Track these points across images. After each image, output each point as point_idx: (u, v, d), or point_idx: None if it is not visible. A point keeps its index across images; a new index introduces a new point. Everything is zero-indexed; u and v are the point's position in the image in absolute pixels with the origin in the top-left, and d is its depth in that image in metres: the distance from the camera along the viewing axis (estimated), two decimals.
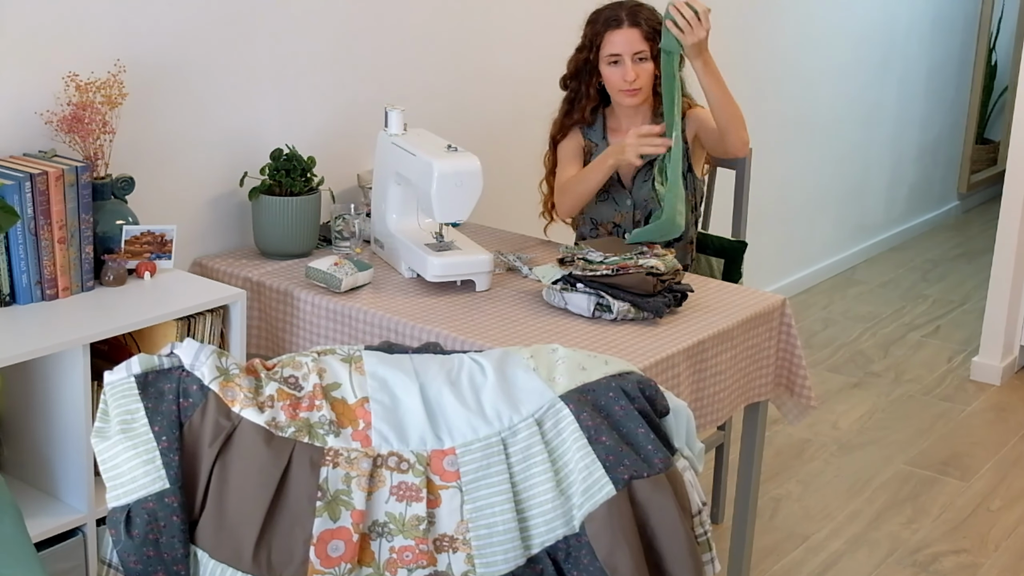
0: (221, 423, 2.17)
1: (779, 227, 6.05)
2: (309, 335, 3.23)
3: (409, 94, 3.88)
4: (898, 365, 5.52)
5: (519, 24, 4.32)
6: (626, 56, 3.52)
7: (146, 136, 3.26)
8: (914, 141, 7.45)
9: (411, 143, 3.35)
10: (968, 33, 7.77)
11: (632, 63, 3.52)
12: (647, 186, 3.60)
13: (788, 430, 4.70)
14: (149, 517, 2.12)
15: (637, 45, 3.51)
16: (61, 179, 2.87)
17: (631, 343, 2.97)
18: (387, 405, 2.22)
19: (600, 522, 2.18)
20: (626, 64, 3.52)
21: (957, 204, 8.16)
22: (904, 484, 4.40)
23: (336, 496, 2.16)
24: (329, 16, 3.68)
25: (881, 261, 7.09)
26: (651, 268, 3.09)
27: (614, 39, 3.53)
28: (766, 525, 4.06)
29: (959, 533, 4.08)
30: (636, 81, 3.51)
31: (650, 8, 3.57)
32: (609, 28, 3.54)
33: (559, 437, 2.23)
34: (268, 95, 3.57)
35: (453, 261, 3.25)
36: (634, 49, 3.51)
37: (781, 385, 3.42)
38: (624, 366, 2.33)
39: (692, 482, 2.30)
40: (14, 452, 2.93)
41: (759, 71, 5.54)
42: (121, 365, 2.19)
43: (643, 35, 3.50)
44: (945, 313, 6.24)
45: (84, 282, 2.97)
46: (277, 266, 3.40)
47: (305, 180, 3.45)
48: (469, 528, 2.19)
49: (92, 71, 3.06)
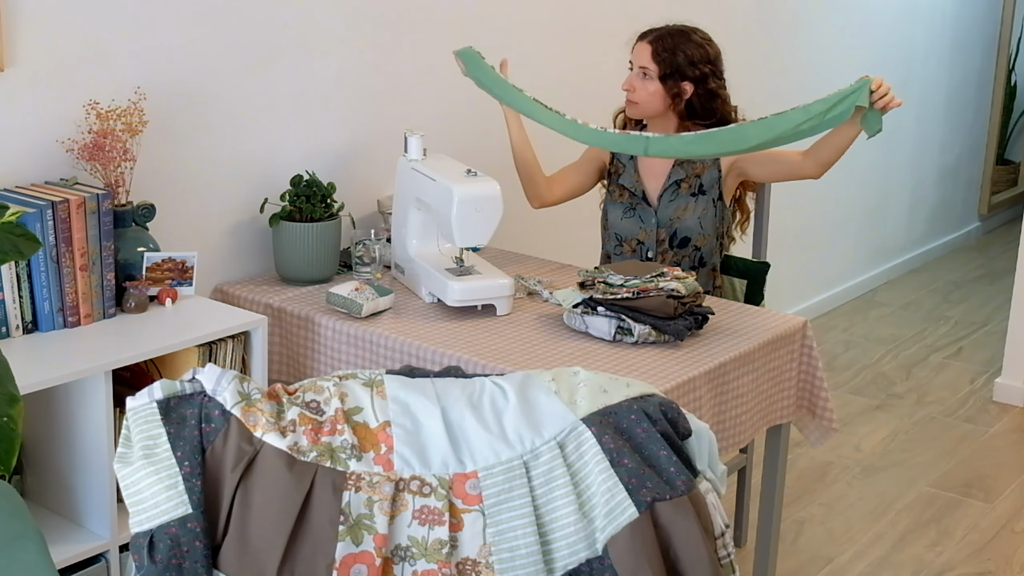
0: (243, 448, 2.17)
1: (800, 249, 6.03)
2: (330, 360, 3.23)
3: (429, 119, 3.89)
4: (920, 387, 5.49)
5: (537, 48, 4.33)
6: (635, 66, 3.62)
7: (167, 163, 3.28)
8: (934, 163, 7.44)
9: (431, 168, 3.35)
10: (987, 54, 7.76)
11: (636, 75, 3.61)
12: (673, 205, 3.62)
13: (810, 453, 4.69)
14: (172, 542, 2.12)
15: (644, 60, 3.60)
16: (83, 207, 2.88)
17: (652, 366, 2.96)
18: (409, 429, 2.22)
19: (623, 545, 2.17)
20: (631, 74, 3.63)
21: (978, 225, 8.14)
22: (928, 506, 4.38)
23: (358, 520, 2.16)
24: (349, 42, 3.70)
25: (902, 283, 7.07)
26: (672, 291, 3.09)
27: (634, 47, 3.66)
28: (789, 548, 4.04)
29: (983, 555, 4.06)
30: (632, 93, 3.59)
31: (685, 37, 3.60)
32: (639, 38, 3.66)
33: (581, 460, 2.22)
34: (288, 121, 3.58)
35: (473, 286, 3.25)
36: (640, 62, 3.61)
37: (803, 407, 3.41)
38: (646, 388, 2.32)
39: (715, 504, 2.29)
40: (37, 479, 2.93)
41: (779, 93, 5.52)
42: (143, 391, 2.19)
43: (652, 54, 3.58)
44: (967, 334, 6.22)
45: (106, 309, 2.98)
46: (298, 292, 3.41)
47: (325, 206, 3.45)
48: (492, 552, 2.19)
49: (113, 99, 3.08)
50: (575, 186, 3.85)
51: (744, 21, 5.32)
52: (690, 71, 3.57)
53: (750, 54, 5.21)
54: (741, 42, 3.66)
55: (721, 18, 4.83)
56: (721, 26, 3.84)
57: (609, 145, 3.40)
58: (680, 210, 3.62)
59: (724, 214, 3.69)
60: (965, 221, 8.01)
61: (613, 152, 3.72)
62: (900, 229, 7.21)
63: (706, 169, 3.61)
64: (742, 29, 5.19)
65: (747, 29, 5.32)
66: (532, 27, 4.32)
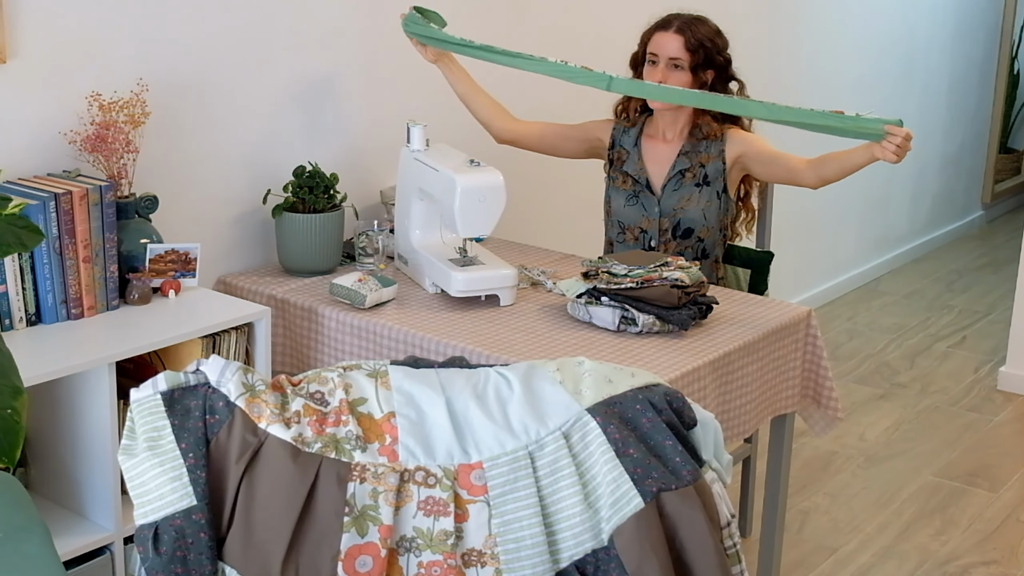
0: (248, 439, 2.16)
1: (803, 239, 6.03)
2: (334, 352, 3.23)
3: (431, 109, 3.88)
4: (924, 376, 5.49)
5: (540, 37, 4.32)
6: (662, 59, 3.53)
7: (169, 155, 3.27)
8: (937, 151, 7.42)
9: (433, 158, 3.35)
10: (990, 42, 7.74)
11: (666, 67, 3.53)
12: (676, 195, 3.60)
13: (815, 442, 4.68)
14: (177, 534, 2.12)
15: (675, 51, 3.52)
16: (85, 198, 2.87)
17: (657, 356, 2.96)
18: (413, 420, 2.22)
19: (628, 535, 2.17)
20: (659, 66, 3.54)
21: (981, 214, 8.13)
22: (932, 496, 4.37)
23: (363, 511, 2.15)
24: (350, 33, 3.69)
25: (906, 272, 7.07)
26: (676, 281, 3.08)
27: (657, 40, 3.57)
28: (794, 538, 4.04)
29: (989, 544, 4.05)
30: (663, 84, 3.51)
31: (709, 27, 3.57)
32: (657, 29, 3.58)
33: (586, 450, 2.22)
34: (290, 112, 3.58)
35: (477, 276, 3.24)
36: (670, 54, 3.53)
37: (807, 397, 3.41)
38: (651, 378, 2.32)
39: (720, 494, 2.29)
40: (41, 471, 2.93)
41: (781, 83, 5.52)
42: (147, 382, 2.19)
43: (685, 44, 3.51)
44: (971, 323, 6.21)
45: (109, 301, 2.97)
46: (301, 283, 3.40)
47: (328, 197, 3.45)
48: (497, 542, 2.18)
49: (115, 90, 3.07)
50: (551, 144, 3.81)
51: (745, 11, 5.31)
52: (716, 59, 3.55)
53: (751, 44, 5.19)
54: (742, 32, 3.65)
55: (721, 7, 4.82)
56: (722, 16, 3.82)
57: (571, 78, 3.32)
58: (684, 200, 3.60)
59: (729, 207, 3.67)
60: (968, 210, 8.00)
61: (615, 136, 3.70)
62: (903, 218, 7.20)
63: (711, 159, 3.60)
64: (743, 19, 5.17)
65: (748, 19, 5.31)
66: (533, 15, 4.31)
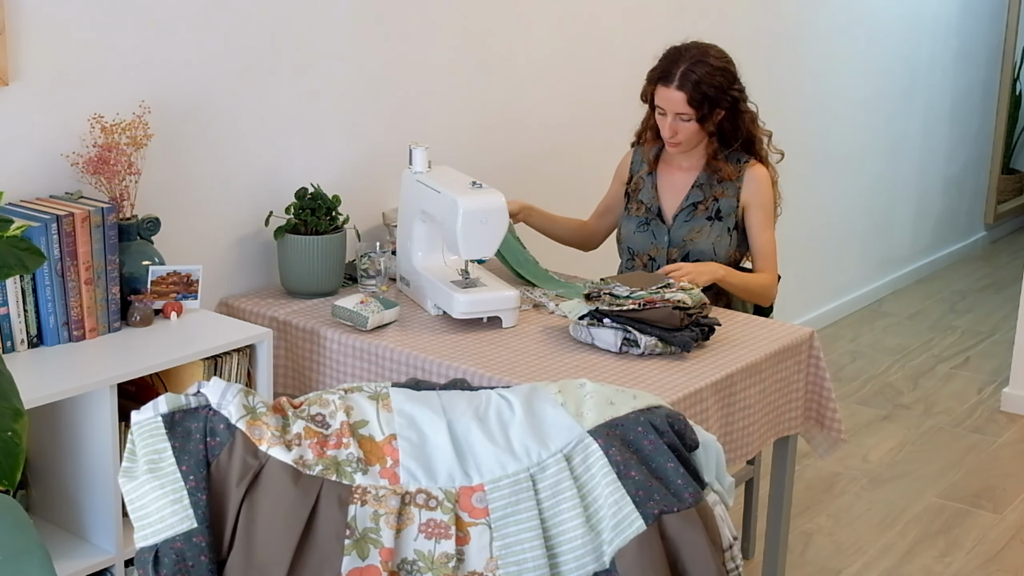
0: (248, 462, 2.16)
1: (806, 260, 6.02)
2: (336, 374, 3.22)
3: (433, 131, 3.89)
4: (928, 397, 5.48)
5: (542, 61, 4.33)
6: (669, 113, 3.56)
7: (171, 176, 3.27)
8: (939, 172, 7.43)
9: (436, 180, 3.35)
10: (992, 63, 7.75)
11: (673, 120, 3.55)
12: (687, 226, 3.61)
13: (818, 464, 4.67)
14: (177, 557, 2.11)
15: (680, 107, 3.54)
16: (87, 220, 2.87)
17: (659, 378, 2.95)
18: (415, 442, 2.21)
19: (631, 558, 2.16)
20: (667, 120, 3.57)
21: (984, 235, 8.13)
22: (936, 517, 4.36)
23: (364, 534, 2.15)
24: (353, 55, 3.69)
25: (909, 293, 7.06)
26: (678, 302, 3.08)
27: (662, 94, 3.57)
28: (797, 560, 4.02)
29: (993, 566, 4.04)
30: (675, 136, 3.55)
31: (708, 66, 3.54)
32: (661, 82, 3.57)
33: (588, 472, 2.21)
34: (292, 134, 3.58)
35: (479, 298, 3.24)
36: (676, 110, 3.54)
37: (811, 419, 3.40)
38: (653, 400, 2.32)
39: (723, 516, 2.28)
40: (42, 493, 2.93)
41: (784, 105, 5.52)
42: (148, 404, 2.19)
43: (687, 99, 3.51)
44: (974, 344, 6.20)
45: (111, 323, 2.97)
46: (303, 305, 3.40)
47: (330, 219, 3.45)
48: (499, 565, 2.18)
49: (117, 112, 3.07)
50: (615, 215, 3.86)
51: (749, 31, 5.31)
52: (723, 100, 3.55)
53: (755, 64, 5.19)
54: (746, 52, 3.65)
55: (726, 28, 4.83)
56: (726, 36, 3.83)
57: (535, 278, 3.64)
58: (694, 232, 3.61)
59: (740, 243, 3.67)
60: (971, 231, 8.00)
61: (632, 169, 3.74)
62: (906, 239, 7.20)
63: (725, 195, 3.60)
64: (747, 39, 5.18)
65: (752, 39, 5.32)
66: (536, 40, 4.31)
